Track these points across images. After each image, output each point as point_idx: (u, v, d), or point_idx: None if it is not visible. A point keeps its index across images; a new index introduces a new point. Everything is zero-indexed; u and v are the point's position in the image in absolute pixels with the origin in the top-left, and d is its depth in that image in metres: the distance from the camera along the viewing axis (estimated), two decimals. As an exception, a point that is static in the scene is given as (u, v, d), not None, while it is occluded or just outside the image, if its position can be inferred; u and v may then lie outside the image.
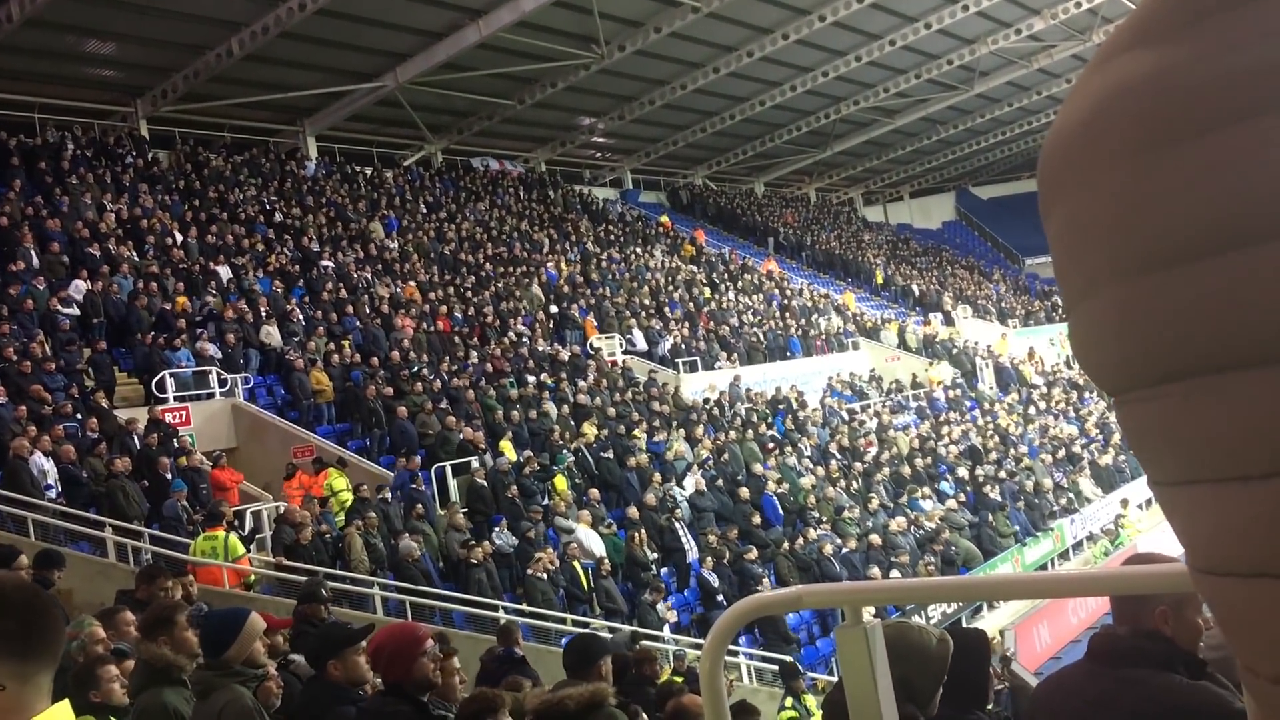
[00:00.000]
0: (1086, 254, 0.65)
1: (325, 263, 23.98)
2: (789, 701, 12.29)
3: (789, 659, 14.83)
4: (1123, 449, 27.28)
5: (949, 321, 38.08)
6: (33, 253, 19.17)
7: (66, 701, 1.91)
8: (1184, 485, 0.64)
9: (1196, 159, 0.58)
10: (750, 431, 23.16)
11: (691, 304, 31.25)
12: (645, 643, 12.49)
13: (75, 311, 18.32)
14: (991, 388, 33.44)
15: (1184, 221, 0.59)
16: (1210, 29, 0.59)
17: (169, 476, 14.66)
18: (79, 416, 15.42)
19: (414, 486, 16.50)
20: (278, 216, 25.85)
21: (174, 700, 4.75)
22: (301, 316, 21.07)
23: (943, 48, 36.69)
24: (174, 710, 4.73)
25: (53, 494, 13.54)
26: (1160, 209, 0.60)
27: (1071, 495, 25.55)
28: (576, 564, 16.07)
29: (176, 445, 15.82)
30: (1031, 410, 31.18)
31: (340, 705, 5.23)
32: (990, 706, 4.00)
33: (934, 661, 2.82)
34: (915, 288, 42.38)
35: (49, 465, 13.68)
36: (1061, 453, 28.02)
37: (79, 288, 18.75)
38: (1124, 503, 25.08)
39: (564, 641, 14.44)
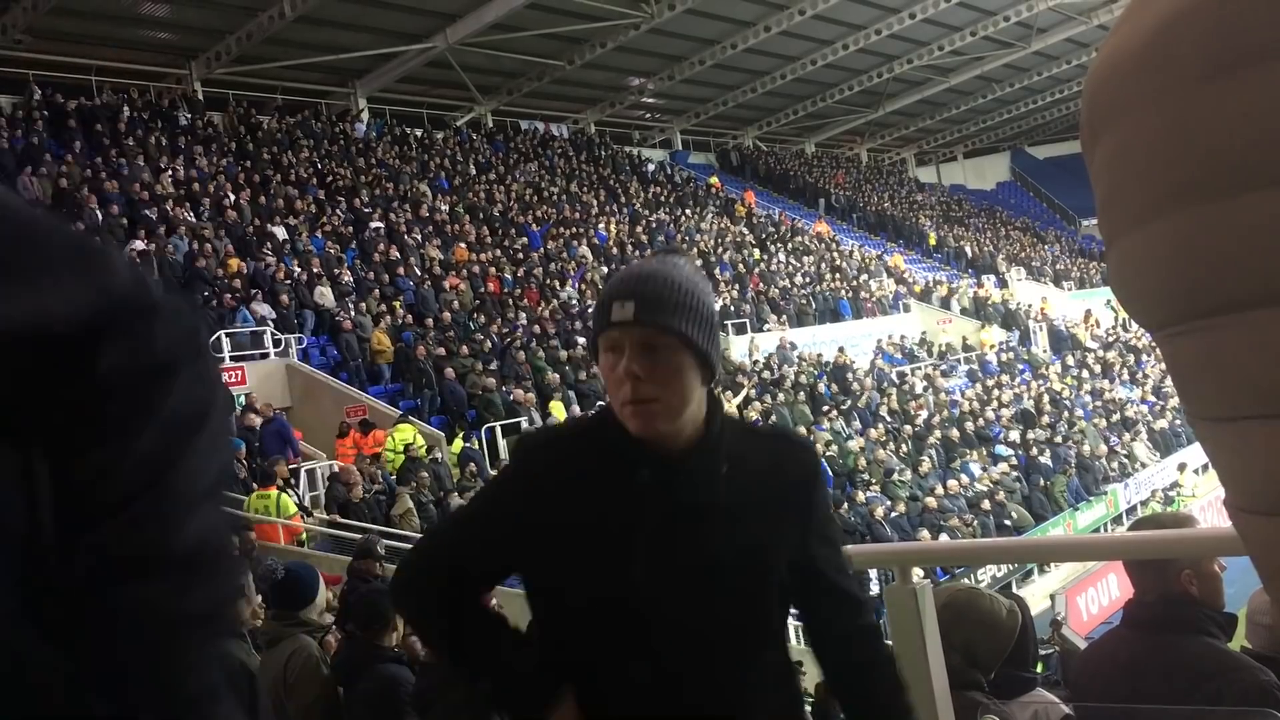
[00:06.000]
0: (1140, 181, 0.62)
1: (376, 224, 24.12)
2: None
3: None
4: (1179, 413, 26.79)
5: (1002, 284, 37.53)
6: (99, 214, 19.48)
7: None
8: (1231, 421, 0.62)
9: (1265, 84, 0.56)
10: (801, 393, 23.05)
11: (741, 265, 31.05)
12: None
13: (139, 273, 18.59)
14: (1045, 351, 32.97)
15: (1249, 148, 0.57)
16: None
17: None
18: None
19: (469, 445, 16.71)
20: (330, 178, 26.02)
21: (235, 654, 4.85)
22: (352, 278, 21.24)
23: (1000, 4, 35.82)
24: (237, 663, 4.83)
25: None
26: (1225, 133, 0.57)
27: (1125, 459, 25.17)
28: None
29: (243, 403, 16.11)
30: (1085, 374, 30.71)
31: (379, 665, 5.32)
32: (1040, 669, 3.99)
33: (1002, 632, 2.82)
34: (968, 249, 41.78)
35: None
36: (1116, 417, 27.61)
37: (138, 249, 19.01)
38: (1181, 467, 24.66)
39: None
